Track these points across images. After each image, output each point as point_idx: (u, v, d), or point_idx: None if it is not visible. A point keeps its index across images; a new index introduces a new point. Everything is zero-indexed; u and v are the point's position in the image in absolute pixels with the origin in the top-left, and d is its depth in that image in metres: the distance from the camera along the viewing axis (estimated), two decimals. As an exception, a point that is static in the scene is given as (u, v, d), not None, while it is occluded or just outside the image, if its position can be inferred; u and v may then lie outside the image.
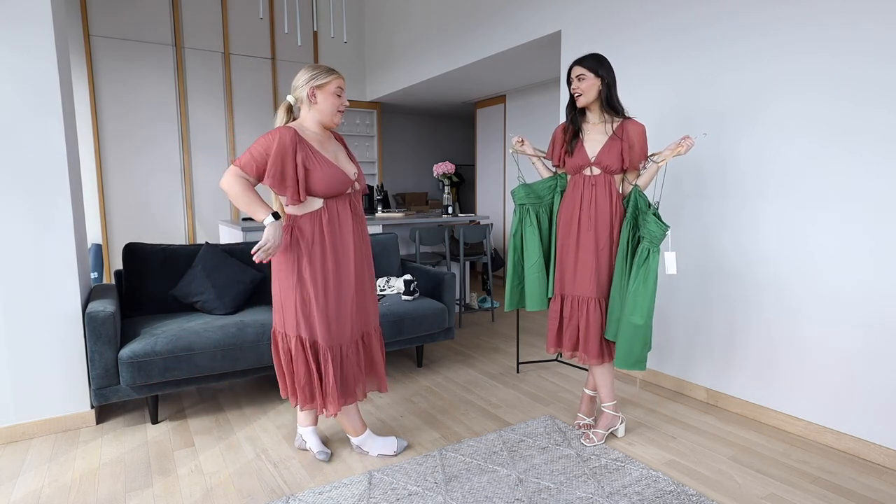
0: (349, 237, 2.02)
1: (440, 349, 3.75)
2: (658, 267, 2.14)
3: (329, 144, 2.04)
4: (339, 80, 2.00)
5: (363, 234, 2.11)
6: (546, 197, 2.38)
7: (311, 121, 2.01)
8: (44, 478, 2.10)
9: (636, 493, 1.96)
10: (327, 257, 1.98)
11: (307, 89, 1.96)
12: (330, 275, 1.98)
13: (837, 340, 2.29)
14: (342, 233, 2.00)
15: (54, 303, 2.43)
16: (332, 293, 1.99)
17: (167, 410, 2.72)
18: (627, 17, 3.07)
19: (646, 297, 2.09)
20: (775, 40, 2.41)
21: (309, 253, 1.95)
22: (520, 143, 2.43)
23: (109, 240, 4.90)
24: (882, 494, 1.97)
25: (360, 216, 2.09)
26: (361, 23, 6.17)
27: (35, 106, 2.34)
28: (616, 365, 2.19)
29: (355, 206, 2.07)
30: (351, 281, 2.03)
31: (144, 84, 4.96)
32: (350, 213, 2.03)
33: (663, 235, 2.09)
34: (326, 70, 1.99)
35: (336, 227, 1.99)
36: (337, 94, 1.99)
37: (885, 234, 2.12)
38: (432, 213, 5.23)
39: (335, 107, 2.00)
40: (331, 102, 1.98)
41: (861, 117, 2.16)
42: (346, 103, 2.04)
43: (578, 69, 2.20)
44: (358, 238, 2.06)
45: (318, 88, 1.97)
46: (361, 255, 2.09)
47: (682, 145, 2.14)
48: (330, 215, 1.98)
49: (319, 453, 2.22)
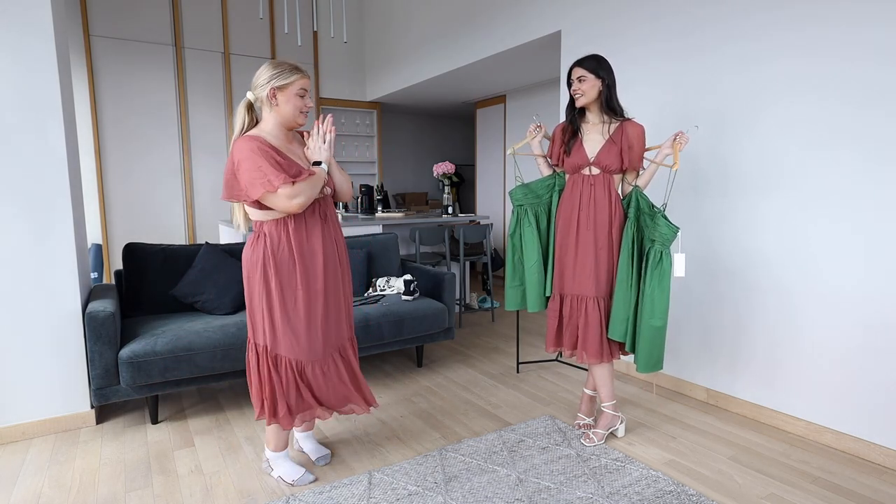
0: (318, 243, 1.90)
1: (440, 349, 3.75)
2: (671, 268, 2.16)
3: (295, 148, 1.92)
4: (303, 80, 1.85)
5: (337, 239, 1.99)
6: (544, 196, 2.39)
7: (273, 123, 1.86)
8: (44, 478, 2.10)
9: (636, 493, 1.96)
10: (295, 264, 1.86)
11: (267, 89, 1.81)
12: (298, 286, 1.87)
13: (837, 340, 2.29)
14: (310, 239, 1.88)
15: (54, 303, 2.43)
16: (300, 304, 1.88)
17: (167, 410, 2.72)
18: (628, 18, 3.07)
19: (662, 299, 2.12)
20: (775, 42, 2.41)
21: (275, 260, 1.84)
22: (538, 128, 2.41)
23: (109, 240, 4.90)
24: (882, 494, 1.97)
25: (331, 221, 1.97)
26: (361, 23, 6.17)
27: (35, 108, 2.34)
28: (639, 370, 2.21)
29: (324, 210, 1.94)
30: (320, 292, 1.91)
31: (144, 84, 4.96)
32: (318, 218, 1.91)
33: (674, 237, 2.11)
34: (290, 69, 1.83)
35: (303, 234, 1.87)
36: (300, 94, 1.84)
37: (885, 234, 2.12)
38: (432, 213, 5.23)
39: (298, 108, 1.85)
40: (293, 105, 1.84)
41: (861, 119, 2.16)
42: (309, 104, 1.89)
43: (579, 70, 2.20)
44: (329, 243, 1.94)
45: (280, 90, 1.82)
46: (334, 262, 1.96)
47: (679, 143, 2.15)
48: (297, 221, 1.86)
49: (319, 459, 2.19)
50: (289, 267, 1.87)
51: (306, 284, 1.89)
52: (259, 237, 1.88)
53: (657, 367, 2.20)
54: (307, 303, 1.89)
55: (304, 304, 1.89)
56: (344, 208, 5.29)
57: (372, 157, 6.53)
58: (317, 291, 1.91)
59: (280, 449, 2.07)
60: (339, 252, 2.00)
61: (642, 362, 2.19)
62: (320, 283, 1.92)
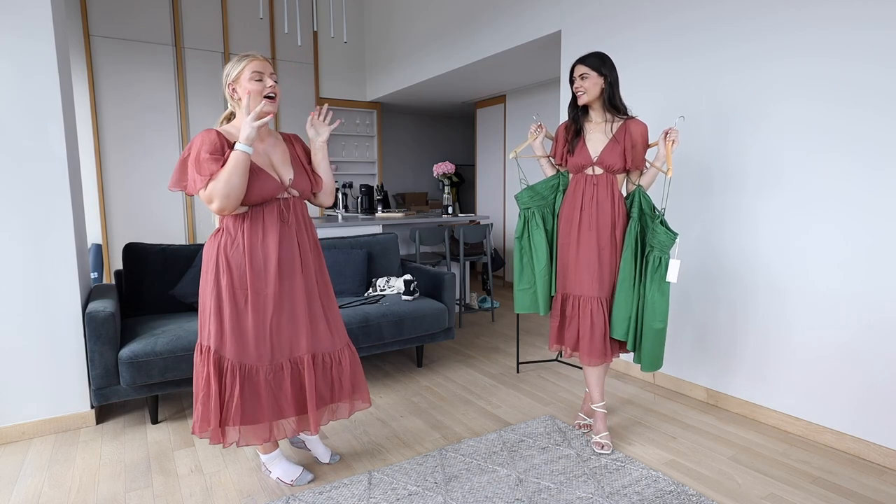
0: (273, 246, 1.80)
1: (440, 349, 3.75)
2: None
3: (261, 145, 1.83)
4: (254, 63, 1.77)
5: (301, 243, 1.88)
6: (549, 196, 2.38)
7: (241, 118, 1.78)
8: (44, 478, 2.10)
9: (636, 493, 1.96)
10: (245, 265, 1.79)
11: (227, 89, 1.80)
12: (247, 285, 1.79)
13: (837, 341, 2.29)
14: (265, 240, 1.80)
15: (54, 303, 2.43)
16: (250, 305, 1.80)
17: (167, 410, 2.72)
18: (628, 18, 3.07)
19: (663, 302, 2.15)
20: (775, 44, 2.41)
21: (227, 257, 1.78)
22: (539, 128, 2.41)
23: (109, 240, 4.90)
24: (882, 494, 1.96)
25: (297, 225, 1.87)
26: (361, 23, 6.17)
27: (35, 108, 2.34)
28: (643, 369, 2.22)
29: (286, 213, 1.84)
30: (270, 296, 1.81)
31: (144, 84, 4.96)
32: (277, 220, 1.82)
33: (672, 243, 2.12)
34: (238, 58, 1.78)
35: (258, 236, 1.79)
36: (255, 78, 1.77)
37: (884, 235, 2.12)
38: (432, 213, 5.23)
39: (258, 93, 1.77)
40: (251, 91, 1.76)
41: (861, 121, 2.16)
42: (270, 84, 1.79)
43: (581, 68, 2.19)
44: (288, 248, 1.84)
45: (235, 82, 1.79)
46: (293, 268, 1.86)
47: (670, 140, 2.12)
48: (252, 221, 1.78)
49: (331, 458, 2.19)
50: (240, 267, 1.79)
51: (255, 287, 1.80)
52: (219, 232, 1.83)
53: (658, 366, 2.23)
54: (255, 306, 1.81)
55: (252, 308, 1.80)
56: (344, 208, 5.29)
57: (372, 157, 6.53)
58: (266, 296, 1.81)
59: (269, 450, 2.03)
60: (302, 258, 1.89)
61: (646, 363, 2.21)
62: (271, 288, 1.81)
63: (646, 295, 2.17)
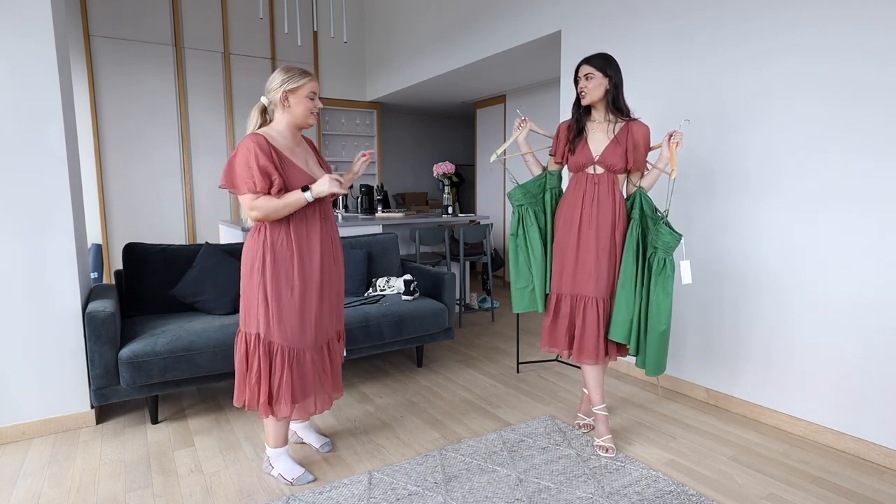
0: (316, 242, 1.99)
1: (440, 349, 3.75)
2: (675, 274, 2.17)
3: (299, 150, 2.03)
4: (313, 84, 1.99)
5: (333, 238, 2.09)
6: (539, 195, 2.39)
7: (284, 124, 1.99)
8: (44, 478, 2.10)
9: (636, 493, 1.96)
10: (293, 260, 1.95)
11: (280, 93, 1.94)
12: (295, 277, 1.95)
13: (837, 341, 2.29)
14: (309, 237, 1.98)
15: (54, 303, 2.43)
16: (296, 295, 1.96)
17: (167, 410, 2.72)
18: (628, 19, 3.07)
19: (667, 304, 2.14)
20: (775, 44, 2.41)
21: (274, 254, 1.93)
22: (524, 122, 2.41)
23: (109, 240, 4.90)
24: (882, 494, 1.96)
25: (329, 221, 2.07)
26: (361, 23, 6.17)
27: (36, 109, 2.34)
28: (648, 373, 2.21)
29: (325, 210, 2.05)
30: (315, 285, 1.99)
31: (144, 84, 4.96)
32: (319, 218, 2.01)
33: (677, 244, 2.11)
34: (300, 73, 1.96)
35: (303, 232, 1.97)
36: (310, 97, 1.98)
37: (885, 235, 2.12)
38: (432, 213, 5.23)
39: (308, 110, 1.98)
40: (304, 106, 1.97)
41: (862, 120, 2.16)
42: (319, 105, 2.03)
43: (587, 68, 2.19)
44: (326, 242, 2.04)
45: (291, 92, 1.95)
46: (329, 259, 2.05)
47: (674, 143, 2.12)
48: (297, 219, 1.96)
49: (323, 446, 2.28)
50: (287, 260, 1.94)
51: (303, 277, 1.96)
52: (260, 230, 1.96)
53: (662, 370, 2.21)
54: (303, 294, 1.97)
55: (300, 296, 1.96)
56: (344, 208, 5.29)
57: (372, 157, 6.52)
58: (313, 283, 1.99)
59: (280, 445, 2.09)
60: (334, 251, 2.09)
61: (651, 366, 2.19)
62: (317, 276, 2.00)
63: (649, 297, 2.16)
